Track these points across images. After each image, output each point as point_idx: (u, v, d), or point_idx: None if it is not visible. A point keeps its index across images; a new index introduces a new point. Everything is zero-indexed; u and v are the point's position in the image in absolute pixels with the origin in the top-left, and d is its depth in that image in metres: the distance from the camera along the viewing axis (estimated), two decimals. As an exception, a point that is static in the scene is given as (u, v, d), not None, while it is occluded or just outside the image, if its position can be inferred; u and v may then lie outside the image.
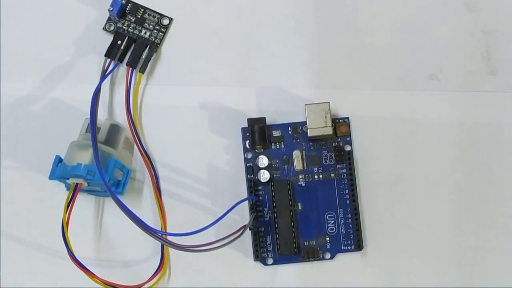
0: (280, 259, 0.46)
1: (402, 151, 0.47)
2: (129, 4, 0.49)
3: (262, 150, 0.47)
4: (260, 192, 0.46)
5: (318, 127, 0.45)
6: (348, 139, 0.47)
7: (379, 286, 0.46)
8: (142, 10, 0.49)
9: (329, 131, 0.45)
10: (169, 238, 0.42)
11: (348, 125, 0.47)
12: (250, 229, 0.45)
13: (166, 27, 0.49)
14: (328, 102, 0.45)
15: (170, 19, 0.49)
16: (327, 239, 0.46)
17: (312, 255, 0.46)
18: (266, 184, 0.46)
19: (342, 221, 0.46)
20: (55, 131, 0.48)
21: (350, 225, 0.46)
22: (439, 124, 0.47)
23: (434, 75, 0.48)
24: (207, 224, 0.41)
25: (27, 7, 0.50)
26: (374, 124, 0.47)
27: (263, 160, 0.46)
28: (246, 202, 0.46)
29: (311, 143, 0.47)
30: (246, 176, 0.47)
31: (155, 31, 0.49)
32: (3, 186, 0.47)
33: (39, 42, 0.49)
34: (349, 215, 0.46)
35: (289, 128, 0.47)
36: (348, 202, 0.46)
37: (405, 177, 0.47)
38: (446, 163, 0.47)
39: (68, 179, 0.44)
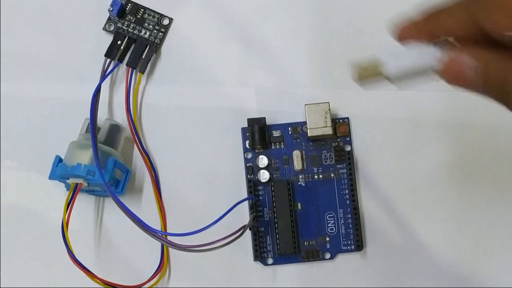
0: (280, 259, 0.46)
1: (402, 151, 0.47)
2: (129, 4, 0.49)
3: (262, 150, 0.47)
4: (260, 192, 0.46)
5: (318, 127, 0.45)
6: (348, 139, 0.47)
7: (379, 286, 0.46)
8: (142, 10, 0.49)
9: (329, 131, 0.45)
10: (169, 238, 0.42)
11: (348, 125, 0.47)
12: (250, 229, 0.45)
13: (166, 27, 0.49)
14: (328, 102, 0.45)
15: (170, 19, 0.49)
16: (327, 239, 0.46)
17: (312, 255, 0.46)
18: (266, 184, 0.46)
19: (342, 221, 0.46)
20: (55, 131, 0.48)
21: (350, 225, 0.46)
22: (439, 124, 0.47)
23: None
24: (207, 224, 0.41)
25: (27, 7, 0.50)
26: (374, 124, 0.47)
27: (263, 160, 0.46)
28: (246, 202, 0.46)
29: (311, 143, 0.47)
30: (246, 176, 0.47)
31: (155, 31, 0.49)
32: (3, 186, 0.47)
33: (39, 42, 0.49)
34: (349, 215, 0.46)
35: (289, 128, 0.47)
36: (348, 202, 0.46)
37: (405, 177, 0.47)
38: (446, 163, 0.47)
39: (68, 179, 0.44)
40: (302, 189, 0.46)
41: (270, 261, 0.46)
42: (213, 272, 0.46)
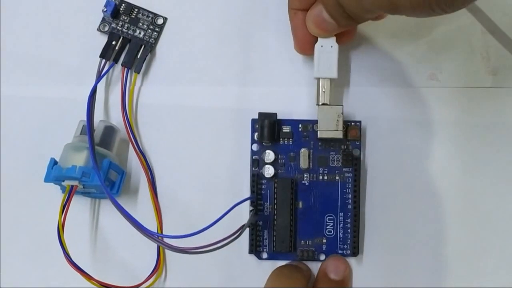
0: (275, 255, 0.46)
1: (414, 159, 0.47)
2: (123, 4, 0.49)
3: (270, 144, 0.46)
4: (263, 187, 0.46)
5: (329, 129, 0.44)
6: (358, 143, 0.46)
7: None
8: (136, 10, 0.49)
9: (339, 135, 0.44)
10: (166, 240, 0.41)
11: (360, 129, 0.46)
12: (248, 227, 0.45)
13: (161, 26, 0.49)
14: (342, 105, 0.44)
15: (164, 19, 0.49)
16: (324, 240, 0.46)
17: (307, 255, 0.46)
18: (270, 179, 0.46)
19: (341, 225, 0.46)
20: (50, 133, 0.47)
21: (349, 230, 0.46)
22: (440, 125, 0.47)
23: (434, 75, 0.48)
24: (204, 226, 0.41)
25: (24, 9, 0.49)
26: (388, 130, 0.47)
27: (270, 156, 0.46)
28: (245, 203, 0.45)
29: (319, 143, 0.46)
30: (251, 169, 0.46)
31: (149, 31, 0.48)
32: (-1, 189, 0.47)
33: (33, 44, 0.49)
34: (349, 220, 0.46)
35: (300, 125, 0.46)
36: (349, 206, 0.46)
37: (413, 188, 0.47)
38: (455, 174, 0.47)
39: (63, 181, 0.43)
40: (306, 188, 0.46)
41: (264, 255, 0.46)
42: (209, 270, 0.46)
